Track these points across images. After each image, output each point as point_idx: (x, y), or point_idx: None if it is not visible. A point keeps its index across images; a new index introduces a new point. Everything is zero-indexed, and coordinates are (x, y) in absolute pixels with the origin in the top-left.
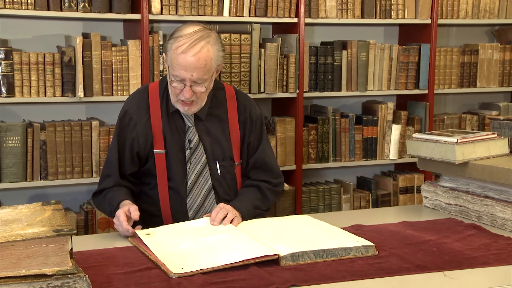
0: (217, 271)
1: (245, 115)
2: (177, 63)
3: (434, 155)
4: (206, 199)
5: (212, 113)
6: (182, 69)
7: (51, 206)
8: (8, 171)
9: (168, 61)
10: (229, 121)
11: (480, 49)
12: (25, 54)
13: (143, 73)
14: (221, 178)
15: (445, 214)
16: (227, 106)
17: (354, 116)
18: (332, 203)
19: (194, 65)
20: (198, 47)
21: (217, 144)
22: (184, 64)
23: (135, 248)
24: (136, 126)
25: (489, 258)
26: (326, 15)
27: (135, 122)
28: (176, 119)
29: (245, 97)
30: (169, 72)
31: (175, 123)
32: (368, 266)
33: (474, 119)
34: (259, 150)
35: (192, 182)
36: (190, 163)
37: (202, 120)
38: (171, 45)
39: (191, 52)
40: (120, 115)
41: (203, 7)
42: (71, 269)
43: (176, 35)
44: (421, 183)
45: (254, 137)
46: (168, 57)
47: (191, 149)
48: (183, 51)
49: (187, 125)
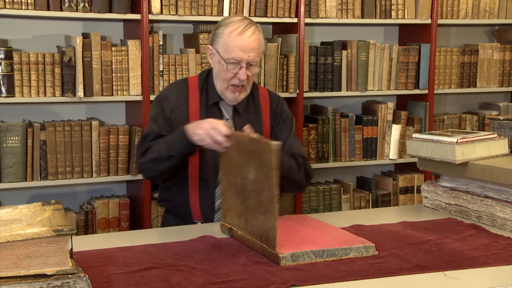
0: (217, 272)
1: (276, 112)
2: (234, 45)
3: (434, 155)
4: None
5: (248, 109)
6: (240, 50)
7: (51, 206)
8: (8, 171)
9: (221, 47)
10: (262, 118)
11: (480, 49)
12: (25, 54)
13: (143, 73)
14: None
15: (445, 214)
16: (261, 104)
17: (354, 116)
18: (332, 203)
19: (251, 46)
20: (251, 30)
21: None
22: (242, 45)
23: (135, 248)
24: (174, 111)
25: (489, 258)
26: (326, 15)
27: (173, 107)
28: (214, 111)
29: (277, 96)
30: (223, 58)
31: (213, 115)
32: (368, 266)
33: (474, 119)
34: (295, 145)
35: None
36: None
37: (240, 114)
38: (222, 32)
39: (247, 33)
40: (159, 99)
41: (203, 7)
42: (71, 269)
43: (226, 22)
44: (421, 183)
45: (284, 132)
46: (220, 43)
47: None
48: (239, 33)
49: (225, 117)
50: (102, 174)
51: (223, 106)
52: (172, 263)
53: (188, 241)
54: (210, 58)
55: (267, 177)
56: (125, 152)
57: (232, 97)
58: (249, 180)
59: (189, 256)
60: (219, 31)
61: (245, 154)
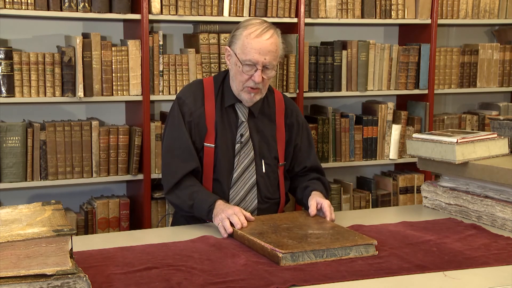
0: (217, 272)
1: (292, 119)
2: (251, 47)
3: (434, 155)
4: (249, 193)
5: (263, 112)
6: (256, 52)
7: (51, 206)
8: (8, 171)
9: (238, 49)
10: (276, 122)
11: (480, 49)
12: (25, 54)
13: (143, 73)
14: (265, 176)
15: (445, 214)
16: (276, 108)
17: (354, 116)
18: (332, 203)
19: (268, 48)
20: (270, 33)
21: (264, 142)
22: (259, 47)
23: (135, 248)
24: (192, 115)
25: (489, 258)
26: (326, 15)
27: (191, 111)
28: (230, 113)
29: (292, 102)
30: (239, 59)
31: (228, 117)
32: (368, 266)
33: (474, 119)
34: (312, 155)
35: (237, 175)
36: (239, 156)
37: (255, 116)
38: (240, 33)
39: (265, 36)
40: (177, 104)
41: (203, 7)
42: (71, 269)
43: (245, 24)
44: (421, 183)
45: (302, 141)
46: (238, 45)
47: (242, 143)
48: (257, 35)
49: (240, 120)
50: (102, 174)
51: (239, 108)
52: (172, 263)
53: (188, 241)
54: (227, 60)
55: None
56: (125, 152)
57: (247, 97)
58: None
59: (189, 256)
60: (237, 32)
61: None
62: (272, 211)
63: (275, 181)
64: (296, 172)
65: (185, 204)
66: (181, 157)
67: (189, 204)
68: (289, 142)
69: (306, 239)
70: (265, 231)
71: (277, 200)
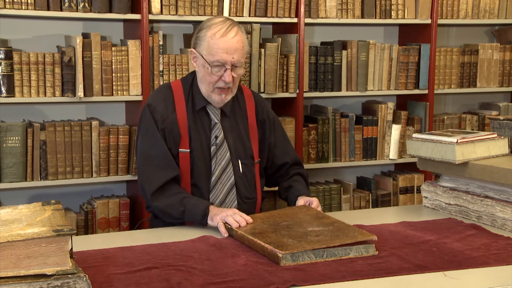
0: (217, 272)
1: (263, 116)
2: (218, 47)
3: (434, 155)
4: (228, 195)
5: (235, 111)
6: (224, 52)
7: (51, 206)
8: (8, 171)
9: (204, 50)
10: (248, 120)
11: (480, 49)
12: (25, 54)
13: (143, 73)
14: (243, 176)
15: (445, 214)
16: (246, 105)
17: (354, 116)
18: (332, 203)
19: (235, 47)
20: (234, 31)
21: (239, 142)
22: (225, 46)
23: (135, 248)
24: (165, 121)
25: (489, 258)
26: (326, 15)
27: (163, 117)
28: (202, 116)
29: (261, 98)
30: (207, 61)
31: (201, 120)
32: (368, 266)
33: (474, 119)
34: (290, 149)
35: (216, 178)
36: (215, 159)
37: (227, 116)
38: (204, 34)
39: (230, 35)
40: (148, 111)
41: (203, 7)
42: (71, 269)
43: (208, 24)
44: (421, 183)
45: (276, 137)
46: (204, 46)
47: (217, 145)
48: (222, 35)
49: (213, 122)
50: (102, 174)
51: (211, 110)
52: (172, 263)
53: (188, 241)
54: (193, 62)
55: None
56: (125, 152)
57: (218, 99)
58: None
59: (189, 256)
60: (201, 34)
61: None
62: (252, 211)
63: (252, 180)
64: (276, 168)
65: (175, 210)
66: (159, 166)
67: (180, 210)
68: (262, 139)
69: (306, 237)
70: (264, 230)
71: (255, 199)
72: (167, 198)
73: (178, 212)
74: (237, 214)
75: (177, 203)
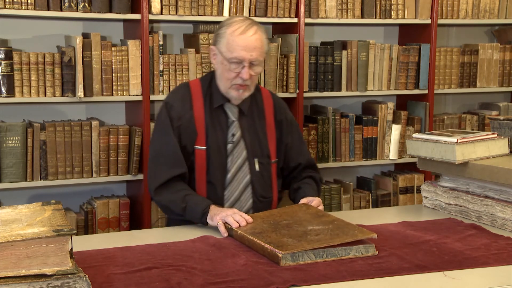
0: (217, 272)
1: (281, 116)
2: (237, 44)
3: (434, 155)
4: (243, 193)
5: (252, 110)
6: (242, 49)
7: (51, 206)
8: (8, 171)
9: (223, 47)
10: (266, 119)
11: (480, 49)
12: (25, 54)
13: (143, 73)
14: (259, 175)
15: (445, 214)
16: (264, 105)
17: (354, 116)
18: (332, 203)
19: (254, 45)
20: (253, 29)
21: (256, 141)
22: (244, 44)
23: (135, 248)
24: (181, 119)
25: (489, 258)
26: (326, 15)
27: (179, 115)
28: (220, 114)
29: (279, 99)
30: (225, 57)
31: (218, 118)
32: (368, 266)
33: (474, 119)
34: (304, 151)
35: (231, 176)
36: (232, 156)
37: (245, 114)
38: (224, 32)
39: (249, 33)
40: (165, 109)
41: (203, 7)
42: (71, 269)
43: (228, 22)
44: (421, 183)
45: (293, 138)
46: (223, 43)
47: (233, 143)
48: (241, 32)
49: (231, 120)
50: (102, 174)
51: (228, 108)
52: (172, 263)
53: (188, 241)
54: (213, 59)
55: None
56: (125, 152)
57: (236, 95)
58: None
59: (189, 256)
60: (221, 31)
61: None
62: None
63: (269, 180)
64: (290, 169)
65: (176, 206)
66: (167, 163)
67: (181, 206)
68: (279, 140)
69: (306, 236)
70: (264, 230)
71: (270, 198)
72: (170, 194)
73: (180, 208)
74: (237, 214)
75: (179, 200)
